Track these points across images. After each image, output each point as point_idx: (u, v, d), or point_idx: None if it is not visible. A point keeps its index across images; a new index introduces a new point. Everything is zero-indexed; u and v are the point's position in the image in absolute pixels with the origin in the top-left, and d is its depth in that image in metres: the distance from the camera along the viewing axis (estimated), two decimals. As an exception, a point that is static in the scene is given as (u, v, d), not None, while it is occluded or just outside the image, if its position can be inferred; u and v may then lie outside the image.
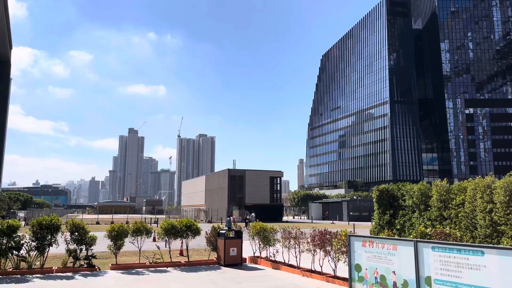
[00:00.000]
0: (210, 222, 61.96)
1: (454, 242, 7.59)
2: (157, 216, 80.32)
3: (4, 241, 12.68)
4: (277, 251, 15.01)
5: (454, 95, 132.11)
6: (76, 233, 13.68)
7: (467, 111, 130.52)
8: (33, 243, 13.15)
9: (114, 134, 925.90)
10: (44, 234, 13.15)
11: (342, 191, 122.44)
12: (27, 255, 13.25)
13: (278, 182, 74.04)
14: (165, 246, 16.83)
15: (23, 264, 13.52)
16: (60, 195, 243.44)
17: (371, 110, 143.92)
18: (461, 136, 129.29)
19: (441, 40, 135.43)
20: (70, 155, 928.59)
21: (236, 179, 71.13)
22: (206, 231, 16.20)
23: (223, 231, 15.07)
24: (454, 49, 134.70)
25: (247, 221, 46.22)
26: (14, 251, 12.84)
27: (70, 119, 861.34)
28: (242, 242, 15.02)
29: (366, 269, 9.43)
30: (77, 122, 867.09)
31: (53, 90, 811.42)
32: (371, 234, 19.36)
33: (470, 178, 15.09)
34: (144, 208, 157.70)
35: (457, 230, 14.06)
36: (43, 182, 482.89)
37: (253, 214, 50.54)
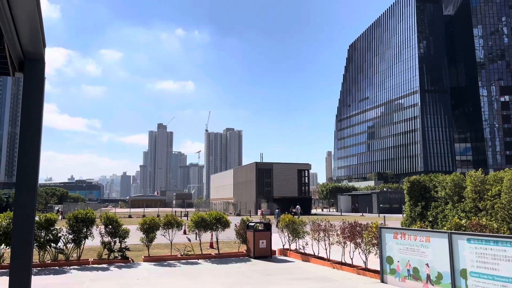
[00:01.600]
0: (239, 215, 62.27)
1: (490, 234, 7.36)
2: (187, 209, 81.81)
3: (42, 234, 12.96)
4: (307, 244, 14.95)
5: (489, 82, 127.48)
6: (110, 226, 13.95)
7: (502, 99, 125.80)
8: (70, 236, 13.48)
9: (144, 130, 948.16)
10: (80, 227, 13.46)
11: (371, 183, 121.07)
12: (64, 247, 13.52)
13: (306, 174, 74.24)
14: (196, 239, 16.90)
15: (60, 256, 13.78)
16: (93, 190, 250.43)
17: (401, 100, 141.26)
18: (496, 125, 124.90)
19: (473, 26, 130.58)
20: (103, 151, 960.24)
21: (264, 172, 71.55)
22: (235, 224, 16.29)
23: (252, 224, 15.11)
24: (488, 35, 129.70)
25: (292, 214, 46.21)
26: (52, 244, 13.14)
27: (102, 116, 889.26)
28: (271, 234, 15.03)
29: (398, 261, 9.32)
30: (109, 119, 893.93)
31: (86, 88, 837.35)
32: (402, 226, 19.10)
33: (507, 168, 14.55)
34: (174, 201, 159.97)
35: (494, 221, 13.59)
36: (78, 177, 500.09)
37: (298, 206, 50.58)
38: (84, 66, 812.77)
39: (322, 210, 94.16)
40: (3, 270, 11.89)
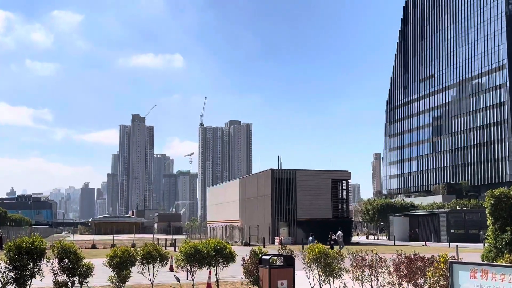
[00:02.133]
0: (247, 244, 62.58)
1: None
2: (175, 236, 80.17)
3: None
4: (345, 286, 14.86)
5: None
6: (66, 260, 14.10)
7: None
8: (10, 274, 13.58)
9: (113, 124, 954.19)
10: (25, 262, 13.60)
11: (438, 198, 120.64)
12: (2, 290, 13.79)
13: (344, 187, 73.95)
14: (187, 278, 17.43)
15: (-3, 303, 14.17)
16: (43, 209, 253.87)
17: (480, 79, 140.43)
18: None
19: None
20: (56, 154, 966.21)
21: (283, 184, 71.27)
22: (242, 257, 16.44)
23: (267, 257, 15.23)
24: None
25: (332, 243, 47.30)
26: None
27: (54, 105, 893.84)
28: (294, 272, 15.11)
29: (477, 311, 9.27)
30: (64, 109, 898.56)
31: (31, 65, 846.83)
32: (483, 260, 18.91)
33: None
34: (156, 225, 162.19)
35: None
36: (21, 191, 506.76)
37: (340, 232, 51.43)
38: (28, 35, 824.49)
39: (368, 238, 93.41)
40: None
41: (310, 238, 37.91)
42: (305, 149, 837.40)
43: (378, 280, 13.02)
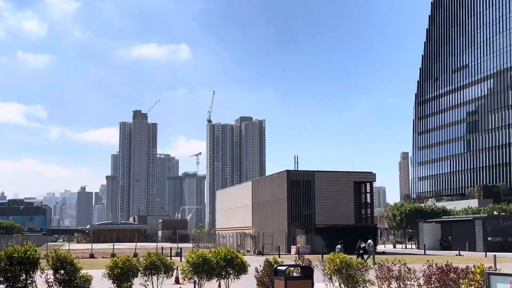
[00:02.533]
0: (261, 253, 62.88)
1: None
2: (181, 244, 79.21)
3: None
4: (370, 299, 14.98)
5: None
6: (62, 271, 14.16)
7: None
8: (1, 286, 13.69)
9: (113, 122, 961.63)
10: (17, 273, 13.70)
11: (474, 202, 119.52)
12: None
13: (368, 190, 74.19)
14: (194, 291, 16.96)
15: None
16: (36, 215, 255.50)
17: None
18: None
19: None
20: (50, 154, 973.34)
21: (301, 187, 71.80)
22: (255, 268, 16.49)
23: (283, 268, 15.22)
24: None
25: (361, 252, 47.58)
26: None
27: (48, 101, 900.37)
28: (313, 284, 15.12)
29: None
30: (59, 105, 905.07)
31: (23, 57, 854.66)
32: (524, 272, 18.73)
33: None
34: (160, 232, 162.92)
35: None
36: (11, 195, 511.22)
37: (370, 241, 51.65)
38: (20, 23, 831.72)
39: (394, 246, 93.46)
40: None
41: (339, 246, 38.20)
42: (324, 148, 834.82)
43: (406, 293, 12.84)
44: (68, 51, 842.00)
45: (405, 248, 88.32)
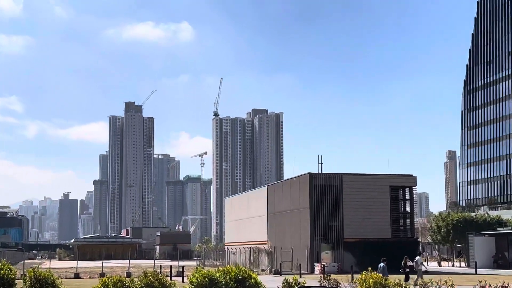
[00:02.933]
0: (279, 273, 63.12)
1: None
2: (182, 262, 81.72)
3: None
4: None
5: None
6: (42, 293, 15.40)
7: None
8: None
9: (101, 115, 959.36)
10: (-11, 295, 14.89)
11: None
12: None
13: (407, 196, 74.24)
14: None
15: None
16: (10, 227, 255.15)
17: None
18: None
19: None
20: (27, 155, 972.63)
21: (326, 193, 71.26)
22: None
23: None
24: None
25: (407, 270, 48.30)
26: None
27: (25, 91, 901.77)
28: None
29: None
30: (37, 96, 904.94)
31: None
32: None
33: None
34: (158, 248, 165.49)
35: None
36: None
37: (418, 258, 51.93)
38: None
39: (440, 264, 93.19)
40: None
41: (382, 264, 39.24)
42: (354, 146, 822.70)
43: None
44: (48, 32, 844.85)
45: (452, 266, 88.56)
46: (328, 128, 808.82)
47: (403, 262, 50.28)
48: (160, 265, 66.19)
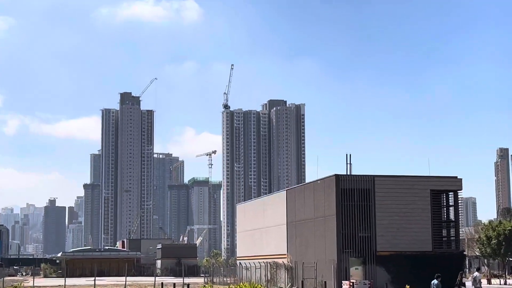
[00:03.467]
0: None
1: None
2: (188, 279, 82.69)
3: None
4: None
5: None
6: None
7: None
8: None
9: (93, 109, 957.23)
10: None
11: None
12: None
13: (452, 202, 73.08)
14: None
15: None
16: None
17: None
18: None
19: None
20: (6, 154, 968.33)
21: (356, 198, 70.05)
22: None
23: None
24: None
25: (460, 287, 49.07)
26: None
27: (5, 81, 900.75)
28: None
29: None
30: (19, 87, 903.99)
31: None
32: None
33: None
34: (159, 262, 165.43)
35: None
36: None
37: (477, 274, 52.64)
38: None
39: (490, 282, 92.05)
40: None
41: (435, 282, 39.14)
42: (388, 143, 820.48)
43: None
44: (31, 12, 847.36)
45: (505, 283, 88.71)
46: (358, 122, 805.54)
47: (458, 279, 50.73)
48: (162, 283, 67.01)
